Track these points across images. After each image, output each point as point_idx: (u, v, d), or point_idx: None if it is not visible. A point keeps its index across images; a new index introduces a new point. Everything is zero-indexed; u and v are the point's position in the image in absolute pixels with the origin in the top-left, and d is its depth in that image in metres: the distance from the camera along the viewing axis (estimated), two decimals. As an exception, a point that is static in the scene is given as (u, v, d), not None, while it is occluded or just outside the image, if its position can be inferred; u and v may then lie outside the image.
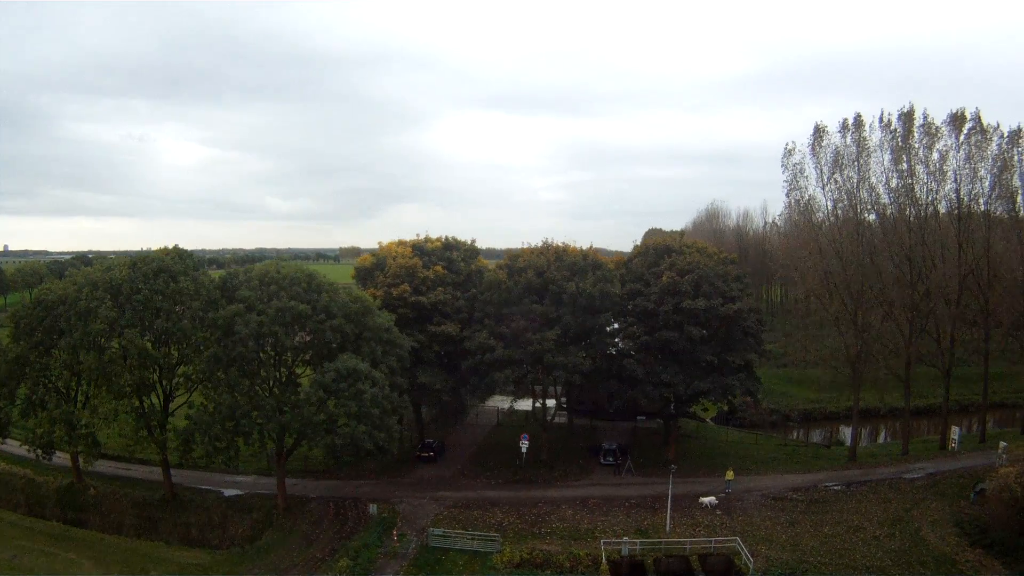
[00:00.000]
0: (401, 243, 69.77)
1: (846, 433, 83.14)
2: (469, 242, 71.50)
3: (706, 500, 59.51)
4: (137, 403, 59.18)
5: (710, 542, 54.93)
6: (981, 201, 74.21)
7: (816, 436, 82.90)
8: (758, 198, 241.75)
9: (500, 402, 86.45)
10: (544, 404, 70.07)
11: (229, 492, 65.53)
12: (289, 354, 58.27)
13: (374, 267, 67.52)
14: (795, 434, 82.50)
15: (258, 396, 55.64)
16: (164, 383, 61.35)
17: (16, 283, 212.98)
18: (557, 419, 78.11)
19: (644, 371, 63.09)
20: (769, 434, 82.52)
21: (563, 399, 78.98)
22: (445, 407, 70.84)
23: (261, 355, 57.29)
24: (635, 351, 63.88)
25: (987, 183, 73.01)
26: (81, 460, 62.21)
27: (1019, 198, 76.09)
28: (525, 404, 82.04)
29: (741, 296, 65.75)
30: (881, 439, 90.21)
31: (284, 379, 58.69)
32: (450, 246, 70.44)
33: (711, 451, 72.97)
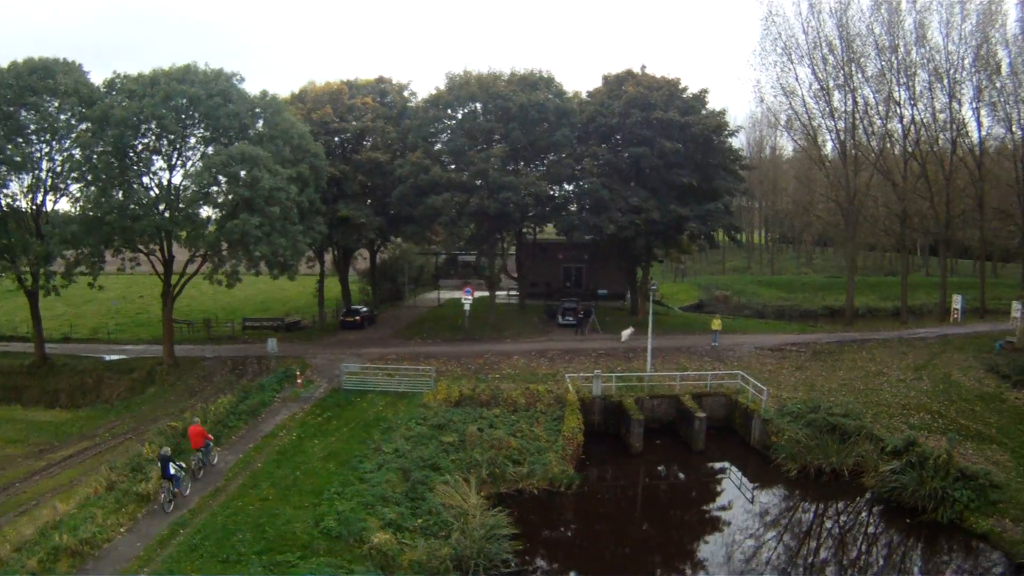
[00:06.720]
0: (328, 83, 51.99)
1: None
2: (405, 82, 53.68)
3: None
4: None
5: (706, 377, 38.84)
6: (967, 63, 58.82)
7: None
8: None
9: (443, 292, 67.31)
10: (493, 288, 52.33)
11: (111, 357, 46.53)
12: (178, 146, 39.97)
13: (295, 100, 49.72)
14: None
15: (133, 191, 37.40)
16: (29, 192, 42.58)
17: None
18: (509, 301, 60.38)
19: (610, 194, 45.64)
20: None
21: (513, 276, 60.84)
22: (373, 248, 52.38)
23: (142, 150, 39.14)
24: (599, 174, 46.17)
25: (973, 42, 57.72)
26: None
27: (1004, 67, 60.65)
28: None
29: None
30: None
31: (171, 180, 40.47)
32: (383, 81, 52.73)
33: (685, 322, 55.72)
